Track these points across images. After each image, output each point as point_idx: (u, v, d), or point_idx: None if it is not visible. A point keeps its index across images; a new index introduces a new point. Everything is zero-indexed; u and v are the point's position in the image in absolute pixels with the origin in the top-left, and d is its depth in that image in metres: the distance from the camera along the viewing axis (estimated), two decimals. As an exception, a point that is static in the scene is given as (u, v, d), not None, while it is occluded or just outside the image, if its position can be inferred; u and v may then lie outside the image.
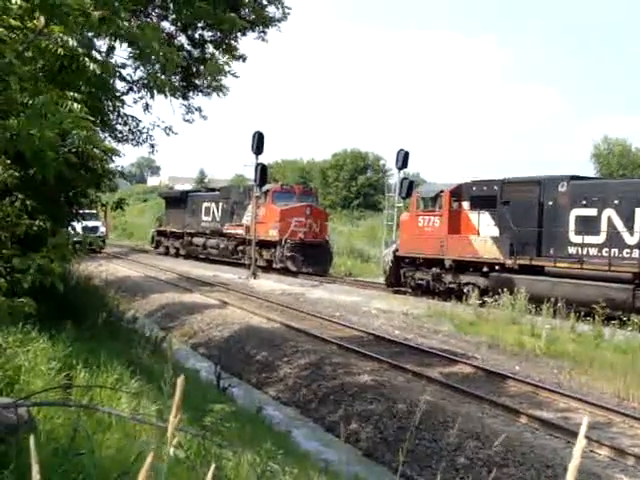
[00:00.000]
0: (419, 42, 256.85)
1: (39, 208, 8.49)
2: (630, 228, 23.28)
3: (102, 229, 49.77)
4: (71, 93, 5.96)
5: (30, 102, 5.40)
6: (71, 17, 5.47)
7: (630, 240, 23.33)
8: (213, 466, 2.34)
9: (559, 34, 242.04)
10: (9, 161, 6.74)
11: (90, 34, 7.13)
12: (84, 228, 17.55)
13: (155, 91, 9.12)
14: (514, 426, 13.16)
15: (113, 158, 12.80)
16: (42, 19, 5.46)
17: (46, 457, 4.71)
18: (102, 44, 8.02)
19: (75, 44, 5.80)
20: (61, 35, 5.58)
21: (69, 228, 13.86)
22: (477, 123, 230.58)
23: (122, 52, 9.53)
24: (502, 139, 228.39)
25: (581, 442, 1.82)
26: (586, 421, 1.93)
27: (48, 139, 5.20)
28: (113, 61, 7.68)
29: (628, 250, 23.34)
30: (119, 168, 14.55)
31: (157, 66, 9.99)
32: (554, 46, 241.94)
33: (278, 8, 15.24)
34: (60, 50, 5.64)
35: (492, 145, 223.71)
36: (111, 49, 7.03)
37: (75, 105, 5.74)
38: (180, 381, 2.31)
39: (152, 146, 15.83)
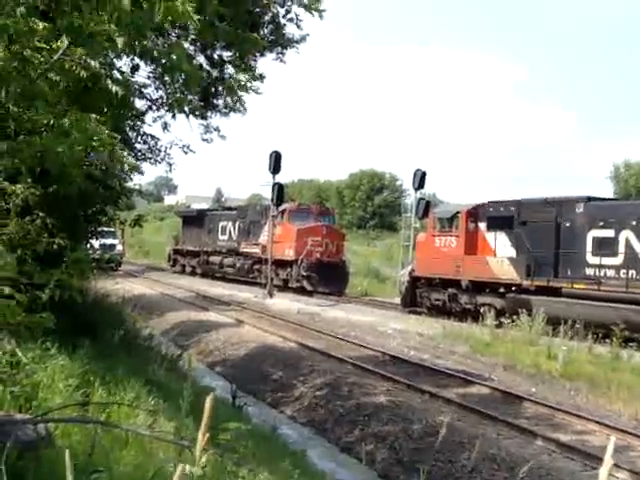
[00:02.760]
0: (436, 60, 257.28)
1: (59, 226, 8.56)
2: (648, 250, 23.19)
3: (119, 247, 49.92)
4: (94, 115, 6.03)
5: (54, 122, 5.47)
6: (97, 40, 5.54)
7: (648, 262, 23.24)
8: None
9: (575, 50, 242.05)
10: (30, 179, 6.82)
11: (112, 55, 7.21)
12: (102, 245, 17.65)
13: (176, 110, 9.19)
14: (531, 448, 13.10)
15: (131, 176, 12.90)
16: (65, 40, 5.53)
17: (63, 474, 4.73)
18: (123, 64, 8.11)
19: (97, 66, 5.88)
20: (84, 57, 5.65)
21: (87, 245, 13.93)
22: (493, 141, 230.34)
23: (143, 72, 9.63)
24: (518, 158, 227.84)
25: (608, 463, 1.83)
26: (613, 441, 1.95)
27: (75, 156, 5.27)
28: (135, 80, 7.75)
29: (646, 272, 23.24)
30: (137, 186, 14.62)
31: (177, 85, 10.08)
32: (571, 65, 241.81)
33: (298, 26, 15.31)
34: (83, 72, 5.71)
35: (508, 164, 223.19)
36: (135, 68, 7.10)
37: (102, 128, 5.81)
38: (209, 400, 2.34)
39: (170, 165, 15.90)
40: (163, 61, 6.84)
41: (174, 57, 6.61)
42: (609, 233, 24.41)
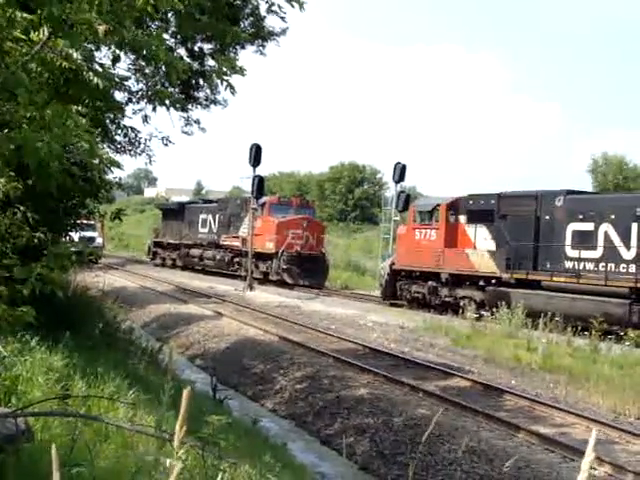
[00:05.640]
0: (421, 56, 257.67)
1: (40, 219, 8.51)
2: (626, 243, 23.33)
3: (99, 240, 49.76)
4: (74, 107, 5.99)
5: (35, 115, 5.44)
6: (77, 30, 5.50)
7: (626, 255, 23.37)
8: (220, 477, 2.37)
9: (561, 47, 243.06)
10: (12, 173, 6.78)
11: (91, 46, 7.17)
12: (82, 238, 17.57)
13: (157, 103, 9.15)
14: (510, 441, 13.16)
15: (111, 169, 12.83)
16: (46, 31, 5.49)
17: (44, 467, 4.72)
18: (104, 56, 8.05)
19: (79, 57, 5.84)
20: (65, 48, 5.62)
21: (67, 238, 13.86)
22: (475, 137, 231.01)
23: (123, 64, 9.56)
24: (501, 153, 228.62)
25: (590, 455, 1.84)
26: (594, 434, 1.96)
27: (54, 151, 5.24)
28: (115, 72, 7.69)
29: (624, 265, 23.38)
30: (117, 179, 14.54)
31: (158, 77, 10.03)
32: (555, 61, 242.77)
33: (282, 18, 15.28)
34: (65, 63, 5.67)
35: (490, 159, 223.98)
36: (116, 59, 7.04)
37: (82, 120, 5.77)
38: (186, 392, 2.33)
39: (149, 157, 15.84)
40: (144, 52, 6.79)
41: (154, 48, 6.57)
42: (588, 226, 24.56)
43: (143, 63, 9.35)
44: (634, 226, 23.18)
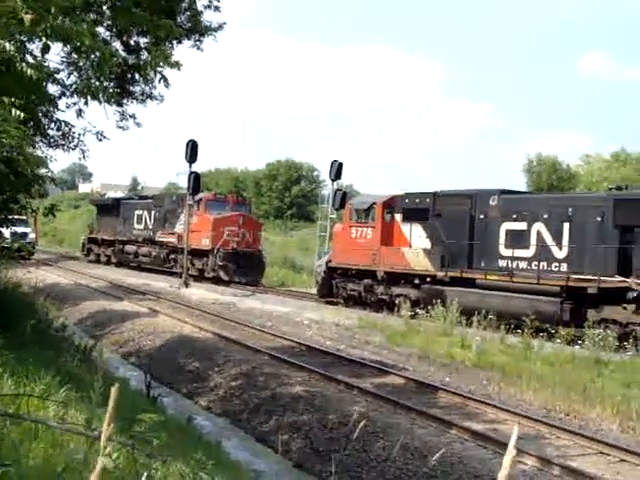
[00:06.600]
0: (357, 57, 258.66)
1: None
2: (558, 242, 23.69)
3: (31, 235, 49.02)
4: (6, 99, 5.86)
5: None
6: (3, 20, 5.39)
7: (558, 254, 23.73)
8: (145, 475, 2.32)
9: (495, 50, 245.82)
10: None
11: (23, 37, 7.03)
12: (13, 234, 17.28)
13: (89, 97, 9.01)
14: (444, 437, 13.26)
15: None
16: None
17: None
18: (35, 47, 7.90)
19: (12, 49, 5.72)
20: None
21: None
22: (413, 137, 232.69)
23: (56, 57, 9.41)
24: (438, 154, 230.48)
25: (511, 452, 1.85)
26: (516, 430, 1.96)
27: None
28: (47, 64, 7.55)
29: (556, 264, 23.73)
30: (50, 174, 14.29)
31: (91, 72, 9.88)
32: (490, 63, 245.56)
33: (215, 9, 15.24)
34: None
35: (428, 159, 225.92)
36: (46, 48, 6.90)
37: (17, 112, 5.65)
38: (114, 390, 2.28)
39: (83, 152, 15.59)
40: (76, 43, 6.68)
41: (85, 40, 6.47)
42: (522, 226, 24.88)
43: (76, 56, 9.21)
44: (566, 226, 23.54)
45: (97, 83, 9.58)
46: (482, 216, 26.35)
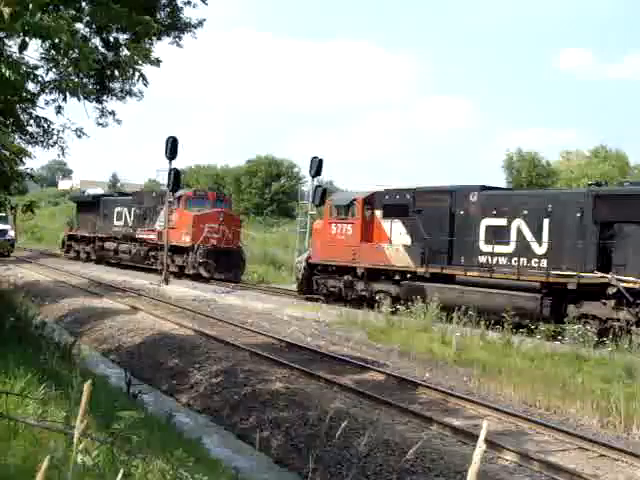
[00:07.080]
0: (339, 54, 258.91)
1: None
2: (538, 238, 23.78)
3: (11, 232, 48.85)
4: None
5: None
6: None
7: (538, 250, 23.82)
8: (121, 473, 2.32)
9: (478, 48, 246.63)
10: None
11: (1, 34, 7.00)
12: (-8, 231, 17.21)
13: (68, 94, 8.97)
14: (424, 433, 13.28)
15: (23, 160, 12.56)
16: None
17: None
18: (13, 44, 7.85)
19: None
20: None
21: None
22: (394, 134, 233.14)
23: (35, 53, 9.36)
24: (419, 151, 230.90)
25: (481, 447, 1.86)
26: (485, 425, 1.98)
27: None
28: (25, 61, 7.51)
29: (536, 260, 23.82)
30: (29, 170, 14.23)
31: (70, 68, 9.84)
32: (473, 61, 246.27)
33: (194, 7, 15.17)
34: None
35: (409, 156, 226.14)
36: (23, 45, 6.86)
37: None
38: (87, 386, 2.28)
39: (62, 149, 15.51)
40: (54, 40, 6.65)
41: (63, 37, 6.44)
42: (501, 222, 24.95)
43: (54, 52, 9.16)
44: (545, 222, 23.63)
45: (76, 80, 9.55)
46: (462, 212, 26.41)
